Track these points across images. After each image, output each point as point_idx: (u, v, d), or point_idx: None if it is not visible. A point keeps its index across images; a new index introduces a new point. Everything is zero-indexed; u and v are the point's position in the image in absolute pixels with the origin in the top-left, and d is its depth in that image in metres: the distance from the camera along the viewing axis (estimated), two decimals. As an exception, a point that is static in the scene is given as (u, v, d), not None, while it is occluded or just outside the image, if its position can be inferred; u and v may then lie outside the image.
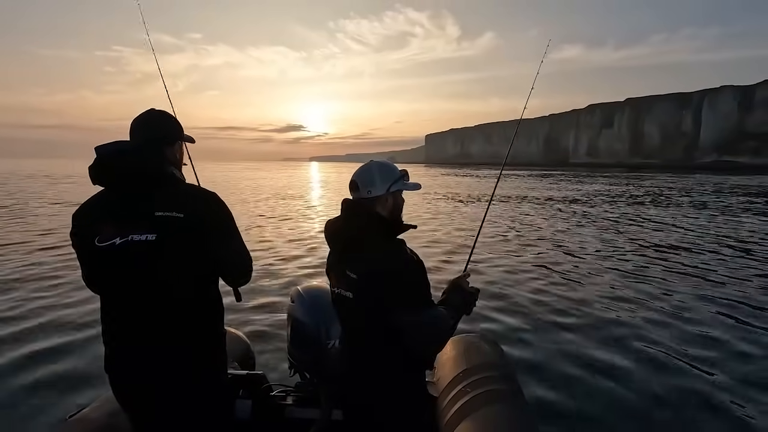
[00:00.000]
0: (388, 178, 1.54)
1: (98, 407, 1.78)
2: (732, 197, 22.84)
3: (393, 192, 1.55)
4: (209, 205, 1.45)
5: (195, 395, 1.44)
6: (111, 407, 1.70)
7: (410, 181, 1.61)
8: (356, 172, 1.56)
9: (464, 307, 1.61)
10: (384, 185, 1.53)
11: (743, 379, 3.57)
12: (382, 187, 1.53)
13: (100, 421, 1.69)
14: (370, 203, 1.53)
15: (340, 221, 1.57)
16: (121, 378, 1.43)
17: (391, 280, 1.41)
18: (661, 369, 3.70)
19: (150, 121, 1.56)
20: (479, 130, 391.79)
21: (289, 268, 7.13)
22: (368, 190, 1.52)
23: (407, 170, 1.58)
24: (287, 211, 15.65)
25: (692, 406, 3.19)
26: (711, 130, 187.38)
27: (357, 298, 1.48)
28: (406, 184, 1.59)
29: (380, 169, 1.55)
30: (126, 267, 1.36)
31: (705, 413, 3.11)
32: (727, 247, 9.12)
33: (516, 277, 6.54)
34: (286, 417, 2.00)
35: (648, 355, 3.94)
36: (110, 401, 1.76)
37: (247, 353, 2.51)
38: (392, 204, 1.56)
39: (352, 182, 1.55)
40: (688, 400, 3.25)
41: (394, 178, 1.54)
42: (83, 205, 1.45)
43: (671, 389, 3.37)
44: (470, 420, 1.57)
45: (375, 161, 1.59)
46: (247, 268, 1.59)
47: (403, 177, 1.57)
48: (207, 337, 1.47)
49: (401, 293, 1.41)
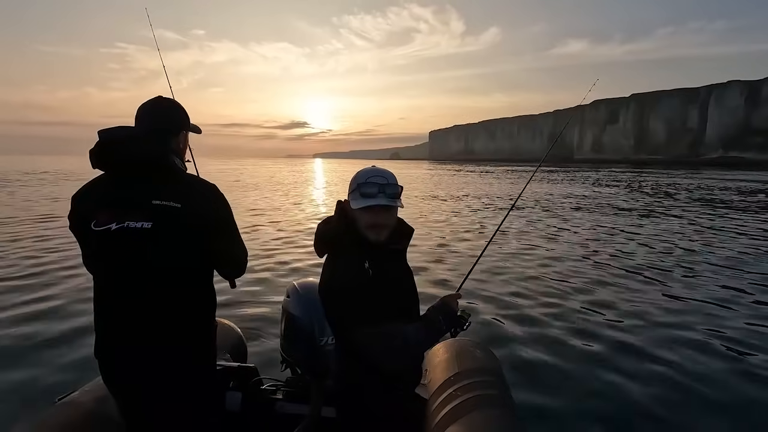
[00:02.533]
0: (351, 185, 1.58)
1: (87, 392, 1.79)
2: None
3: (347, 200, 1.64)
4: (208, 198, 1.45)
5: (184, 384, 1.45)
6: (100, 392, 1.71)
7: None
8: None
9: (444, 327, 1.58)
10: (349, 192, 1.58)
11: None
12: (349, 194, 1.58)
13: (88, 405, 1.70)
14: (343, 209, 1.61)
15: (333, 224, 1.58)
16: (110, 364, 1.44)
17: (338, 296, 1.48)
18: (655, 378, 3.63)
19: (157, 108, 1.55)
20: (483, 126, 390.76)
21: (287, 265, 7.13)
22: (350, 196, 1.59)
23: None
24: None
25: (691, 408, 3.15)
26: (717, 125, 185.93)
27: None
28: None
29: (356, 176, 1.58)
30: (120, 253, 1.36)
31: (705, 415, 3.08)
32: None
33: (515, 283, 6.37)
34: (276, 411, 2.00)
35: (641, 364, 3.82)
36: (100, 387, 1.76)
37: (239, 345, 2.51)
38: (347, 213, 1.62)
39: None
40: (687, 402, 3.22)
41: (352, 186, 1.60)
42: (83, 188, 1.45)
43: (665, 397, 3.33)
44: (460, 424, 1.57)
45: (374, 167, 1.60)
46: (241, 262, 1.60)
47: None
48: (198, 328, 1.48)
49: (349, 309, 1.47)
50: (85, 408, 1.69)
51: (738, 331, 4.47)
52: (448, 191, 23.28)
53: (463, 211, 14.55)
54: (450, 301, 1.65)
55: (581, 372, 3.65)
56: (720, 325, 4.61)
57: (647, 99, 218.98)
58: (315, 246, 1.61)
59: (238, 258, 1.58)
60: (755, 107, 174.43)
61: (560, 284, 6.08)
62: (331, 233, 1.54)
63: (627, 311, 5.06)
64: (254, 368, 2.14)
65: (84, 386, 1.86)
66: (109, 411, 1.64)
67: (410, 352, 1.50)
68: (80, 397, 1.76)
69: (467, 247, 8.61)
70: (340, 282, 1.46)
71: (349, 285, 1.45)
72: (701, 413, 3.09)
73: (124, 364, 1.42)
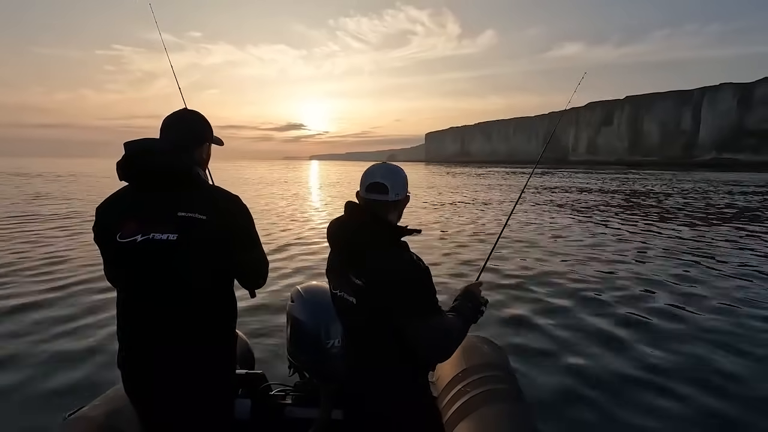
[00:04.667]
0: (406, 181, 1.54)
1: (98, 406, 1.77)
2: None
3: (407, 195, 1.55)
4: (232, 209, 1.45)
5: (205, 394, 1.45)
6: (111, 406, 1.70)
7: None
8: (379, 173, 1.50)
9: (473, 316, 1.58)
10: (405, 188, 1.53)
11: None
12: (404, 191, 1.52)
13: (100, 420, 1.68)
14: (385, 206, 1.50)
15: (346, 223, 1.52)
16: (134, 375, 1.44)
17: (402, 288, 1.38)
18: (661, 369, 3.68)
19: (182, 121, 1.57)
20: (479, 128, 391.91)
21: (290, 267, 7.12)
22: (396, 192, 1.49)
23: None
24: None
25: (687, 410, 3.16)
26: (710, 127, 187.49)
27: (362, 304, 1.45)
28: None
29: (401, 171, 1.53)
30: (146, 265, 1.36)
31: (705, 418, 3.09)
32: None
33: (526, 277, 6.47)
34: (286, 416, 1.99)
35: (651, 361, 3.86)
36: (110, 401, 1.74)
37: (246, 352, 2.50)
38: (403, 207, 1.56)
39: (378, 185, 1.48)
40: (685, 404, 3.23)
41: (407, 181, 1.54)
42: (108, 199, 1.46)
43: (669, 396, 3.35)
44: (469, 420, 1.57)
45: (388, 163, 1.57)
46: (263, 274, 1.60)
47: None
48: (221, 338, 1.48)
49: (412, 301, 1.39)
50: (96, 422, 1.67)
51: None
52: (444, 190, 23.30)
53: (463, 211, 14.59)
54: (474, 289, 1.64)
55: (592, 364, 3.69)
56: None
57: (641, 101, 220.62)
58: (339, 246, 1.56)
59: (260, 269, 1.58)
60: (748, 109, 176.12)
61: (563, 277, 6.12)
62: (374, 228, 1.48)
63: (635, 301, 5.09)
64: (262, 374, 2.13)
65: (94, 401, 1.84)
66: (120, 425, 1.63)
67: (454, 345, 1.48)
68: (90, 411, 1.74)
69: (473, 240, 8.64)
70: (421, 273, 1.41)
71: (427, 273, 1.42)
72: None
73: (147, 374, 1.41)
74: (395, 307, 1.38)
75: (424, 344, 1.40)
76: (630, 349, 4.07)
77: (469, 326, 1.56)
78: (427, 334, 1.39)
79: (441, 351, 1.45)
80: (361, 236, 1.45)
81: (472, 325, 1.58)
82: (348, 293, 1.49)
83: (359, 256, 1.45)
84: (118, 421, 1.63)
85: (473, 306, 1.59)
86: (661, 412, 3.08)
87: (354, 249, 1.47)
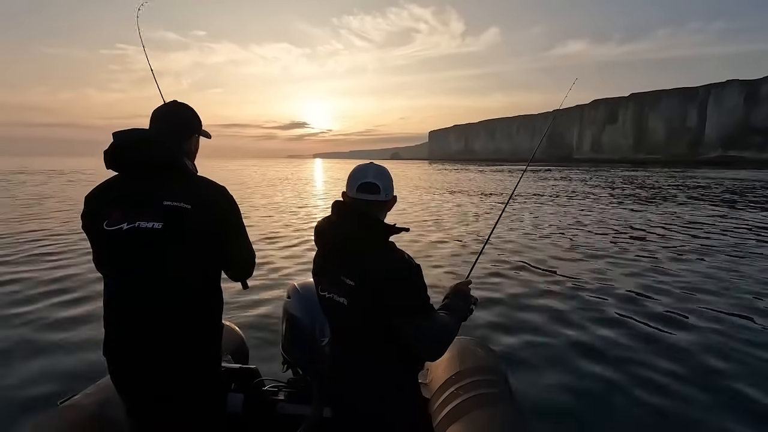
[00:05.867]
0: (392, 180, 1.55)
1: (90, 394, 1.79)
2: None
3: (394, 195, 1.56)
4: (218, 199, 1.47)
5: (189, 385, 1.46)
6: (103, 395, 1.71)
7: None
8: (371, 173, 1.50)
9: (464, 315, 1.59)
10: (393, 187, 1.55)
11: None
12: (392, 191, 1.54)
13: (91, 408, 1.70)
14: (376, 206, 1.50)
15: (335, 223, 1.51)
16: (118, 363, 1.45)
17: (395, 287, 1.38)
18: (656, 380, 3.63)
19: (171, 111, 1.59)
20: (483, 126, 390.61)
21: (289, 264, 7.14)
22: (386, 193, 1.50)
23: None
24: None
25: (685, 411, 3.15)
26: (716, 125, 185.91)
27: (353, 305, 1.44)
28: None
29: (388, 171, 1.54)
30: (131, 253, 1.37)
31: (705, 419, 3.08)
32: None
33: (519, 279, 6.44)
34: (278, 412, 2.00)
35: (646, 364, 3.83)
36: (102, 389, 1.76)
37: (241, 347, 2.52)
38: (392, 207, 1.57)
39: (371, 185, 1.48)
40: (683, 407, 3.21)
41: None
42: (96, 188, 1.47)
43: (666, 399, 3.31)
44: (461, 423, 1.57)
45: (374, 163, 1.57)
46: (250, 265, 1.62)
47: None
48: (205, 328, 1.49)
49: (406, 300, 1.39)
50: (87, 410, 1.69)
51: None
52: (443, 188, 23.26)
53: (457, 207, 14.57)
54: (463, 288, 1.66)
55: (584, 367, 3.67)
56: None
57: (646, 99, 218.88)
58: (327, 246, 1.56)
59: (246, 260, 1.59)
60: (754, 106, 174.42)
61: (552, 276, 6.10)
62: (366, 227, 1.48)
63: (628, 300, 5.09)
64: (256, 369, 2.14)
65: (86, 389, 1.85)
66: (111, 413, 1.64)
67: (448, 343, 1.49)
68: (83, 399, 1.76)
69: (461, 237, 8.63)
70: (413, 270, 1.41)
71: (419, 270, 1.42)
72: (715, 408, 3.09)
73: (132, 363, 1.43)
74: (389, 306, 1.39)
75: (419, 342, 1.41)
76: (625, 352, 4.03)
77: (460, 324, 1.57)
78: (422, 332, 1.40)
79: (435, 349, 1.46)
80: (355, 236, 1.44)
81: (462, 324, 1.58)
82: (338, 294, 1.48)
83: (351, 256, 1.45)
84: (110, 410, 1.64)
85: (464, 304, 1.60)
86: (655, 416, 3.06)
87: (346, 249, 1.47)
